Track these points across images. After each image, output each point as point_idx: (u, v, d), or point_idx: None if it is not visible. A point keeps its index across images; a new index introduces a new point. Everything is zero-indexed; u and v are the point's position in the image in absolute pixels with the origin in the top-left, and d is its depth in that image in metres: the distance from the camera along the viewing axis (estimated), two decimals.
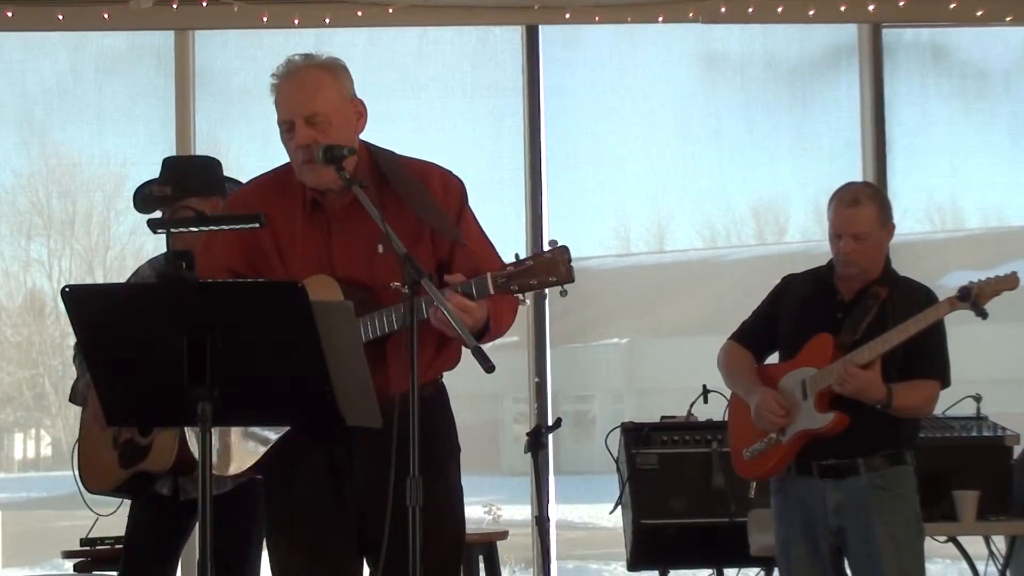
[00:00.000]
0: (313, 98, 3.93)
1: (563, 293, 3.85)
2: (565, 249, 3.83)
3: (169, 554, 5.51)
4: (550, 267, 3.82)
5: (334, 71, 3.99)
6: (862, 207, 5.09)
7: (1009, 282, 4.96)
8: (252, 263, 4.03)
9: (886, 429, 5.06)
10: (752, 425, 5.20)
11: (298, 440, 3.94)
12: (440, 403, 4.11)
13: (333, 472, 3.97)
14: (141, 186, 5.59)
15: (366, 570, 4.14)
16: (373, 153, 4.06)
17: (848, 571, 5.17)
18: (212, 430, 3.46)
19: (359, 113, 4.03)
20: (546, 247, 3.87)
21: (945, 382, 5.15)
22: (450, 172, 4.11)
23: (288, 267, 3.98)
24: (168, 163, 5.52)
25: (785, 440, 5.12)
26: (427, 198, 3.96)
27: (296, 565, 4.02)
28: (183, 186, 5.33)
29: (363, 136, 4.09)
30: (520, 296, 3.91)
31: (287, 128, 3.95)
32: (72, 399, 5.49)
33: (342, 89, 3.99)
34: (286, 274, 3.96)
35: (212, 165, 5.56)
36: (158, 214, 5.32)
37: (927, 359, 5.06)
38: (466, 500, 4.16)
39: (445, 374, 4.15)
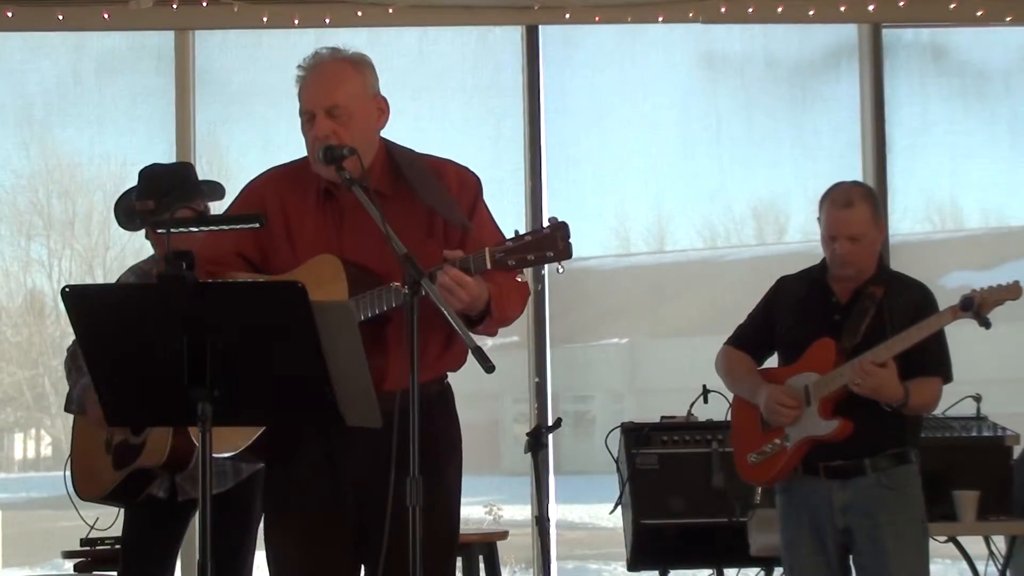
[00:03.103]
0: (335, 90, 3.97)
1: (560, 270, 3.80)
2: (564, 225, 3.77)
3: (167, 557, 5.52)
4: (548, 242, 3.76)
5: (358, 65, 4.04)
6: (856, 209, 5.06)
7: (1012, 292, 4.91)
8: (261, 248, 4.08)
9: (891, 429, 5.05)
10: (756, 430, 5.19)
11: (294, 430, 3.96)
12: (443, 404, 4.09)
13: (330, 463, 3.97)
14: (122, 197, 5.59)
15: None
16: (390, 149, 4.09)
17: (853, 570, 5.17)
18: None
19: (381, 109, 4.06)
20: (546, 223, 3.82)
21: (948, 378, 5.14)
22: (467, 168, 4.16)
23: (296, 251, 4.02)
24: (147, 175, 5.51)
25: (790, 446, 5.11)
26: (439, 190, 3.98)
27: (293, 555, 4.02)
28: (168, 200, 5.35)
29: None
30: (520, 274, 3.89)
31: (308, 119, 3.99)
32: (67, 407, 5.49)
33: (365, 84, 4.03)
34: (294, 258, 4.00)
35: (187, 170, 5.57)
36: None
37: (930, 357, 5.04)
38: (466, 500, 4.16)
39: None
